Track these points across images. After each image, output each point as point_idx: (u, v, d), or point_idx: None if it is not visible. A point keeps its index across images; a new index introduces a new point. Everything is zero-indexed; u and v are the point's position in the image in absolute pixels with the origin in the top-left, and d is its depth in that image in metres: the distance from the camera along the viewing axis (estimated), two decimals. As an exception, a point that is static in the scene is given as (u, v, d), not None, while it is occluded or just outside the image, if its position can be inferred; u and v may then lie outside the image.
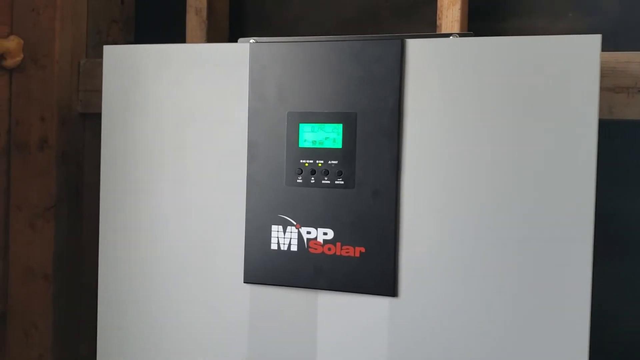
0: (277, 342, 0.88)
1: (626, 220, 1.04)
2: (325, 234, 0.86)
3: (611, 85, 0.93)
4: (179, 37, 1.18)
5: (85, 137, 1.21)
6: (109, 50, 0.96)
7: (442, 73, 0.82)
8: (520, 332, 0.79)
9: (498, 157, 0.80)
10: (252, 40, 0.90)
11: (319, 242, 0.86)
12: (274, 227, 0.87)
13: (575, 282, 0.77)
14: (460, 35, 0.85)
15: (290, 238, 0.87)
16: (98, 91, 1.15)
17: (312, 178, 0.86)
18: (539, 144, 0.78)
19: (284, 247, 0.87)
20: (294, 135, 0.87)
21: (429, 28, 1.11)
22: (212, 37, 1.15)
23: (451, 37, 0.85)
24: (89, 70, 1.17)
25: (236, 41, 0.93)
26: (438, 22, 1.01)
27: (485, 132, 0.80)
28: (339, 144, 0.86)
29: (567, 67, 0.78)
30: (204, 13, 1.11)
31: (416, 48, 0.83)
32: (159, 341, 0.93)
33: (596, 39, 0.77)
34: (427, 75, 0.83)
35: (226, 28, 1.21)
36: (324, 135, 0.86)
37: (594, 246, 0.77)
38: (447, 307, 0.82)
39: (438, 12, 1.01)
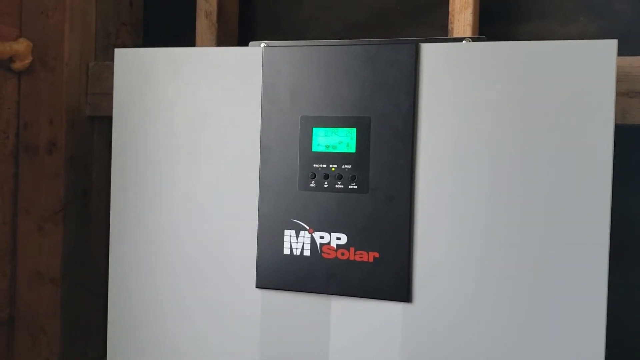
0: (288, 347, 0.88)
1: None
2: (338, 238, 0.85)
3: (625, 90, 0.92)
4: (188, 40, 1.18)
5: (93, 140, 1.21)
6: (119, 54, 0.95)
7: (456, 77, 0.82)
8: (535, 337, 0.79)
9: (513, 161, 0.79)
10: (263, 44, 0.90)
11: (332, 247, 0.85)
12: (287, 232, 0.87)
13: (591, 286, 0.77)
14: (473, 39, 0.85)
15: (303, 243, 0.86)
16: (107, 94, 1.15)
17: (326, 182, 0.86)
18: (554, 149, 0.78)
19: (296, 252, 0.87)
20: (307, 139, 0.86)
21: (440, 32, 1.11)
22: (222, 40, 1.14)
23: (464, 41, 0.85)
24: (98, 73, 1.17)
25: (246, 44, 0.92)
26: (450, 26, 1.01)
27: (500, 136, 0.80)
28: (352, 149, 0.85)
29: (583, 72, 0.77)
30: (214, 16, 1.11)
31: (430, 52, 0.83)
32: (169, 346, 0.93)
33: (612, 44, 0.76)
34: (441, 79, 0.82)
35: (236, 31, 1.20)
36: (338, 140, 0.86)
37: (610, 249, 0.76)
38: (461, 313, 0.81)
39: (450, 15, 1.01)
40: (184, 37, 1.20)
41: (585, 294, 0.77)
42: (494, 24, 1.09)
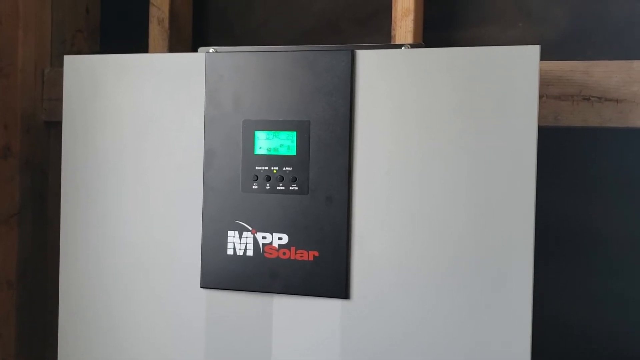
0: (233, 345, 0.90)
1: (574, 222, 1.08)
2: (280, 239, 0.88)
3: (557, 93, 0.97)
4: (143, 46, 1.20)
5: (50, 145, 1.22)
6: (69, 60, 0.97)
7: (391, 83, 0.85)
8: (469, 330, 0.82)
9: (445, 163, 0.83)
10: (211, 50, 0.92)
11: (274, 247, 0.88)
12: (230, 233, 0.89)
13: (518, 282, 0.80)
14: (412, 46, 0.88)
15: (246, 243, 0.89)
16: (63, 100, 1.16)
17: (268, 184, 0.88)
18: (483, 151, 0.82)
19: (239, 253, 0.89)
20: (250, 142, 0.89)
21: (386, 38, 1.14)
22: (175, 46, 1.17)
23: (403, 47, 0.88)
24: (54, 79, 1.19)
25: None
26: (393, 33, 1.04)
27: (432, 139, 0.83)
28: (293, 151, 0.88)
29: (509, 76, 0.81)
30: (166, 23, 1.13)
31: (366, 58, 0.86)
32: (119, 347, 0.95)
33: (535, 50, 0.80)
34: (377, 84, 0.85)
35: (189, 37, 1.23)
36: (279, 143, 0.89)
37: (539, 248, 0.80)
38: (397, 308, 0.84)
39: (392, 22, 1.04)
40: (141, 43, 1.22)
41: (511, 289, 0.81)
42: (437, 30, 1.13)
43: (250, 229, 0.89)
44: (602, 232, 1.07)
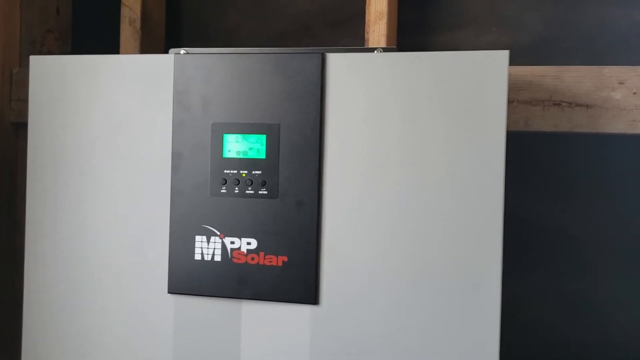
0: (201, 352, 0.89)
1: (546, 227, 1.08)
2: (249, 243, 0.87)
3: (528, 98, 0.97)
4: (115, 47, 1.18)
5: (18, 146, 1.20)
6: (35, 61, 0.95)
7: (363, 86, 0.84)
8: (438, 335, 0.82)
9: (415, 168, 0.82)
10: (182, 51, 0.91)
11: (243, 252, 0.87)
12: (198, 238, 0.88)
13: (487, 286, 0.80)
14: (384, 50, 0.87)
15: (214, 248, 0.88)
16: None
17: (236, 188, 0.87)
18: (454, 155, 0.81)
19: (207, 258, 0.88)
20: (218, 145, 0.88)
21: (360, 41, 1.14)
22: (147, 47, 1.15)
23: (376, 51, 0.87)
24: (22, 79, 1.16)
25: (172, 52, 0.93)
26: (366, 36, 1.04)
27: (403, 143, 0.83)
28: (262, 155, 0.87)
29: (479, 80, 0.81)
30: (138, 23, 1.11)
31: (337, 62, 0.85)
32: (85, 349, 0.92)
33: (504, 55, 0.80)
34: (347, 88, 0.85)
35: (162, 38, 1.21)
36: (248, 146, 0.87)
37: (511, 252, 0.80)
38: (366, 314, 0.84)
39: (366, 26, 1.04)
40: (113, 44, 1.20)
41: (480, 293, 0.80)
42: (412, 34, 1.13)
43: (219, 233, 0.87)
44: (574, 237, 1.07)
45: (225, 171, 0.88)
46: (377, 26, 1.02)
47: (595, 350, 1.07)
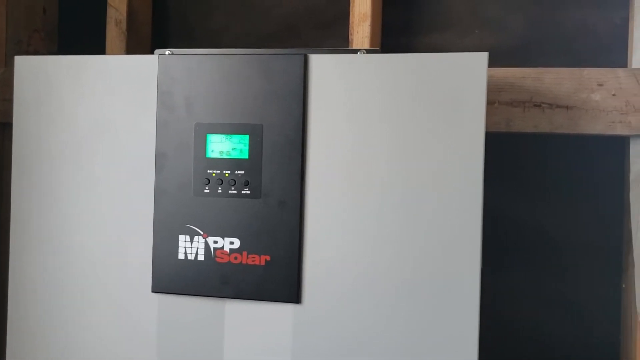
0: (185, 350, 0.89)
1: (526, 227, 1.10)
2: (232, 243, 0.87)
3: (509, 100, 0.98)
4: (102, 48, 1.19)
5: (4, 146, 1.20)
6: (20, 61, 0.95)
7: (346, 87, 0.85)
8: (419, 335, 0.83)
9: (397, 167, 0.83)
10: (167, 52, 0.92)
11: (226, 252, 0.87)
12: (182, 237, 0.88)
13: (466, 285, 0.81)
14: (368, 51, 0.88)
15: (198, 248, 0.88)
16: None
17: (220, 188, 0.88)
18: (435, 155, 0.82)
19: (191, 257, 0.88)
20: (202, 145, 0.88)
21: (345, 43, 1.15)
22: (133, 48, 1.15)
23: (359, 52, 0.88)
24: (8, 79, 1.16)
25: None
26: (350, 38, 1.05)
27: (386, 144, 0.84)
28: (245, 155, 0.88)
29: (459, 82, 0.82)
30: (124, 24, 1.12)
31: (320, 63, 0.86)
32: (69, 348, 0.93)
33: (483, 57, 0.81)
34: (331, 89, 0.85)
35: (148, 39, 1.21)
36: (231, 146, 0.88)
37: (491, 253, 0.81)
38: (349, 313, 0.84)
39: (350, 27, 1.05)
40: (99, 44, 1.20)
41: (459, 292, 0.81)
42: (396, 36, 1.14)
43: (202, 233, 0.88)
44: (553, 237, 1.08)
45: (208, 171, 0.88)
46: (361, 28, 1.03)
47: (574, 348, 1.08)
